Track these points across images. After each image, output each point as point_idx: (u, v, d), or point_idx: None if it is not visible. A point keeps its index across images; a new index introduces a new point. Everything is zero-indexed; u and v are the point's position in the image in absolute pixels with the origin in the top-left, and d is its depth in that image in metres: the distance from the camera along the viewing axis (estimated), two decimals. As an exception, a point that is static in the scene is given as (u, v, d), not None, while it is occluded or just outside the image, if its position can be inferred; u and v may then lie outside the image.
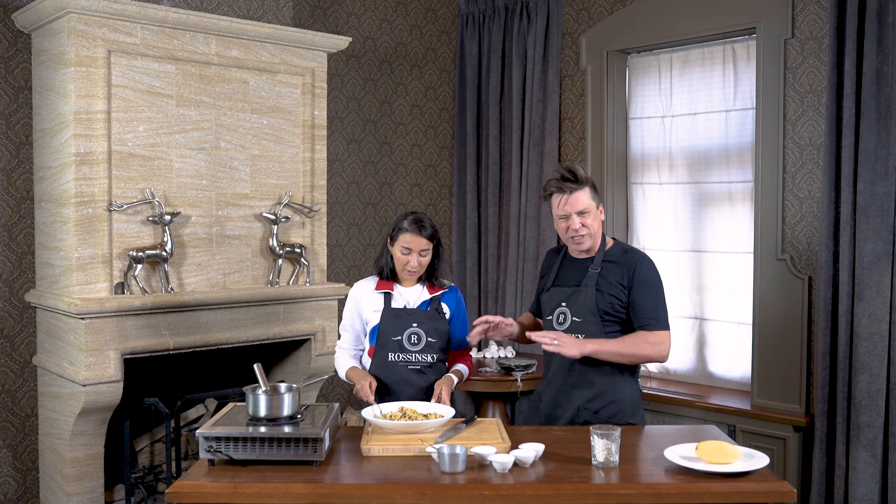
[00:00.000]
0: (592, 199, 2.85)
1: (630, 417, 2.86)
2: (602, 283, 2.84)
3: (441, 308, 3.05)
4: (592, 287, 2.83)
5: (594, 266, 2.87)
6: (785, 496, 2.22)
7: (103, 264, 3.62)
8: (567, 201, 2.82)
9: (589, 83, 4.90)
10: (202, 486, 2.24)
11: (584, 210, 2.82)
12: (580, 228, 2.82)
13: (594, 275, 2.85)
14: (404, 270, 3.00)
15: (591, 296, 2.83)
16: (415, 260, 2.97)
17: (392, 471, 2.33)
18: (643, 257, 2.89)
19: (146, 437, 4.13)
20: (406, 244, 2.96)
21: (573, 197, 2.81)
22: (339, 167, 5.00)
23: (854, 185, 3.79)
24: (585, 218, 2.83)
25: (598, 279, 2.84)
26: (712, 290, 4.62)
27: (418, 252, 2.96)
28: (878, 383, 3.72)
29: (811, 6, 4.03)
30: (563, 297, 2.91)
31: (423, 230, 2.97)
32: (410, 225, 2.97)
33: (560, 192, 2.83)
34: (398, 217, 3.06)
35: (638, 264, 2.85)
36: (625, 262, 2.86)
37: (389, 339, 2.98)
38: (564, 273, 2.97)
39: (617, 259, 2.87)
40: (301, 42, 4.17)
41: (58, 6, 3.47)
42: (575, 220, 2.82)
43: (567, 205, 2.82)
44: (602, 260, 2.87)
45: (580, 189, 2.82)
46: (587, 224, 2.83)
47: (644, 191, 4.90)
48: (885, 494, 3.77)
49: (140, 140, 3.72)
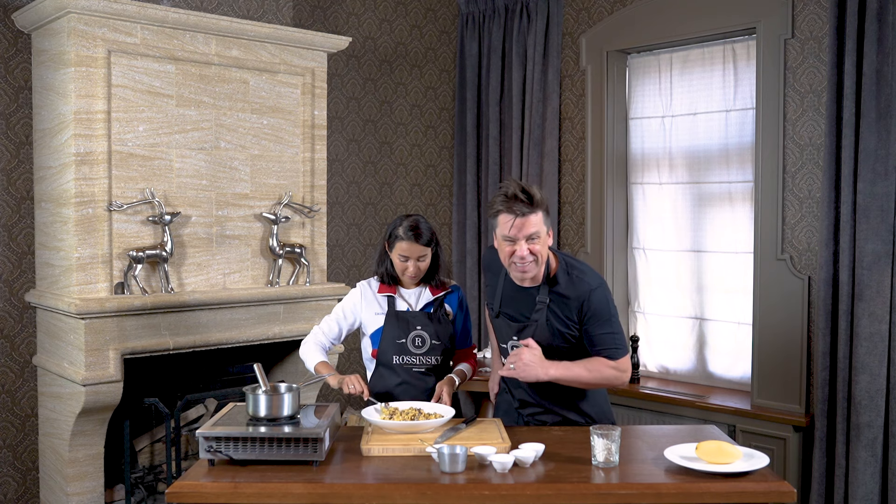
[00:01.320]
0: (544, 224, 2.59)
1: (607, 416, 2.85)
2: (551, 318, 2.66)
3: (445, 310, 3.03)
4: (543, 322, 2.66)
5: (541, 298, 2.66)
6: (785, 496, 2.22)
7: (103, 264, 3.62)
8: (516, 224, 2.54)
9: (589, 83, 4.90)
10: (202, 486, 2.24)
11: (534, 235, 2.56)
12: (527, 256, 2.56)
13: (543, 309, 2.66)
14: (403, 276, 2.98)
15: (543, 331, 2.67)
16: (412, 266, 2.93)
17: (392, 471, 2.33)
18: (591, 287, 2.65)
19: (146, 437, 4.13)
20: (403, 252, 2.91)
21: (525, 220, 2.53)
22: (339, 167, 5.00)
23: (854, 185, 3.79)
24: (534, 244, 2.56)
25: (546, 314, 2.66)
26: (712, 290, 4.62)
27: (416, 259, 2.92)
28: (878, 383, 3.72)
29: (811, 6, 4.03)
30: (513, 331, 2.75)
31: (420, 238, 2.89)
32: (406, 233, 2.89)
33: (509, 212, 2.55)
34: (394, 222, 2.99)
35: (587, 297, 2.62)
36: (573, 296, 2.64)
37: (393, 341, 2.96)
38: (510, 303, 2.76)
39: (564, 291, 2.65)
40: (301, 42, 4.17)
41: (58, 6, 3.47)
42: (523, 247, 2.55)
43: (515, 228, 2.54)
44: (549, 291, 2.67)
45: (533, 213, 2.55)
46: (535, 251, 2.57)
47: (644, 191, 4.90)
48: (885, 494, 3.77)
49: (140, 140, 3.72)
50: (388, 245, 2.98)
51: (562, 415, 2.82)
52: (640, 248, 4.93)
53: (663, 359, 4.85)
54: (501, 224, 2.58)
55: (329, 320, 3.08)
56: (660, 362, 4.87)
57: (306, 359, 3.03)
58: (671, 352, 4.81)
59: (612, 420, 2.89)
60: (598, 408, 2.85)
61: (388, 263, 3.00)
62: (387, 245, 2.99)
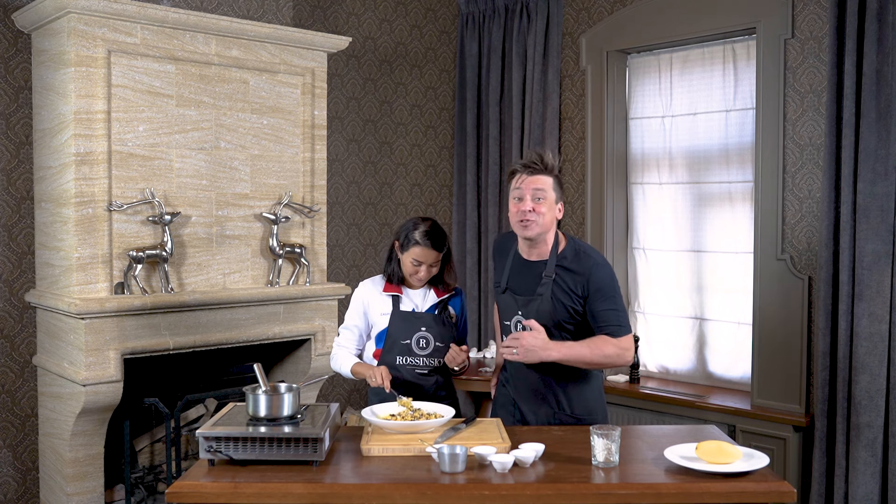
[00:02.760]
0: (553, 190, 2.73)
1: (600, 415, 2.88)
2: (557, 292, 2.73)
3: (449, 313, 3.03)
4: (548, 296, 2.73)
5: (547, 272, 2.75)
6: (785, 496, 2.22)
7: (103, 264, 3.62)
8: (525, 180, 2.71)
9: (589, 83, 4.90)
10: (202, 486, 2.24)
11: (540, 191, 2.70)
12: (530, 213, 2.69)
13: (548, 283, 2.74)
14: (412, 278, 2.97)
15: (547, 305, 2.74)
16: (424, 271, 2.93)
17: (392, 471, 2.33)
18: (597, 262, 2.76)
19: (146, 437, 4.13)
20: (417, 257, 2.91)
21: (533, 178, 2.71)
22: (339, 167, 5.00)
23: (854, 185, 3.79)
24: (539, 204, 2.70)
25: (552, 287, 2.74)
26: (712, 290, 4.62)
27: (429, 265, 2.93)
28: (878, 383, 3.72)
29: (811, 6, 4.03)
30: (518, 305, 2.81)
31: (437, 245, 2.91)
32: (423, 238, 2.89)
33: (521, 171, 2.74)
34: (409, 223, 2.97)
35: (592, 272, 2.72)
36: (579, 270, 2.73)
37: (398, 342, 2.96)
38: (517, 277, 2.84)
39: (570, 265, 2.75)
40: (301, 42, 4.17)
41: (58, 6, 3.47)
42: (528, 202, 2.70)
43: (524, 183, 2.71)
44: (555, 265, 2.76)
45: (543, 174, 2.72)
46: (539, 210, 2.69)
47: (644, 191, 4.90)
48: (885, 494, 3.77)
49: (140, 140, 3.72)
50: (401, 247, 2.95)
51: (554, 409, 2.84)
52: (640, 248, 4.93)
53: (663, 359, 4.85)
54: (513, 183, 2.75)
55: (344, 331, 3.07)
56: (660, 362, 4.87)
57: (341, 367, 3.02)
58: (671, 352, 4.81)
59: (605, 414, 2.92)
60: (591, 404, 2.88)
61: (397, 264, 2.99)
62: (398, 246, 2.97)
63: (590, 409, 2.86)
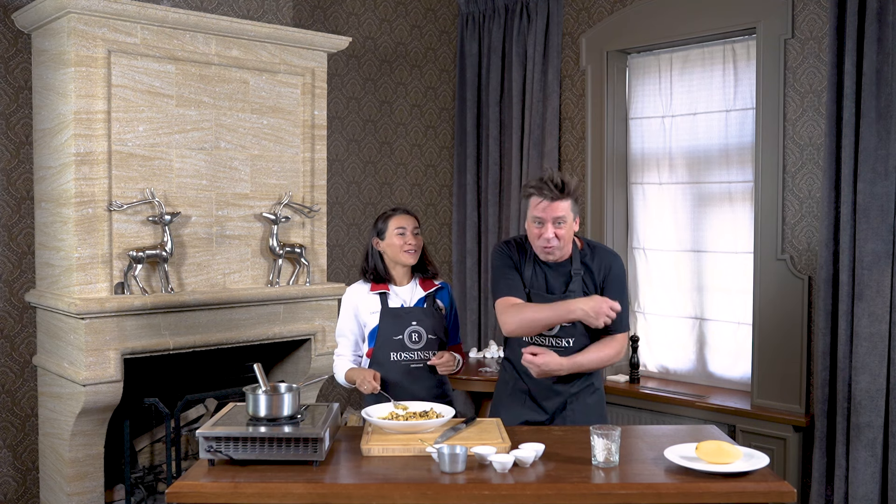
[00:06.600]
0: (572, 211, 2.78)
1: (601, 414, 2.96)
2: (586, 287, 2.86)
3: (437, 305, 3.08)
4: (580, 293, 2.82)
5: (576, 270, 2.85)
6: (785, 496, 2.22)
7: (103, 264, 3.62)
8: (546, 208, 2.74)
9: (589, 83, 4.90)
10: (202, 486, 2.24)
11: (560, 220, 2.75)
12: (552, 239, 2.76)
13: (578, 279, 2.84)
14: (403, 252, 3.01)
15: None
16: (411, 236, 3.03)
17: (392, 471, 2.33)
18: (614, 256, 2.92)
19: (146, 437, 4.13)
20: (399, 224, 3.02)
21: (554, 205, 2.73)
22: (339, 167, 5.00)
23: (854, 185, 3.79)
24: (560, 228, 2.76)
25: (581, 284, 2.85)
26: (712, 290, 4.62)
27: (412, 230, 3.03)
28: (878, 383, 3.72)
29: (811, 6, 4.03)
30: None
31: (409, 211, 3.10)
32: (394, 210, 3.09)
33: (541, 195, 2.75)
34: (376, 218, 3.14)
35: (613, 262, 2.88)
36: (598, 263, 2.87)
37: (390, 338, 2.98)
38: (542, 280, 2.89)
39: (590, 261, 2.88)
40: (301, 42, 4.17)
41: (58, 6, 3.47)
42: (549, 229, 2.75)
43: (545, 211, 2.74)
44: (580, 262, 2.87)
45: (562, 200, 2.74)
46: (560, 235, 2.76)
47: (644, 191, 4.90)
48: (885, 494, 3.77)
49: (140, 140, 3.72)
50: (380, 233, 3.06)
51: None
52: (640, 248, 4.93)
53: (663, 359, 4.85)
54: (532, 204, 2.80)
55: (340, 339, 3.12)
56: (660, 362, 4.87)
57: (337, 376, 3.09)
58: (671, 352, 4.81)
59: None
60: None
61: (378, 257, 3.07)
62: (376, 238, 3.07)
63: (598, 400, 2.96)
